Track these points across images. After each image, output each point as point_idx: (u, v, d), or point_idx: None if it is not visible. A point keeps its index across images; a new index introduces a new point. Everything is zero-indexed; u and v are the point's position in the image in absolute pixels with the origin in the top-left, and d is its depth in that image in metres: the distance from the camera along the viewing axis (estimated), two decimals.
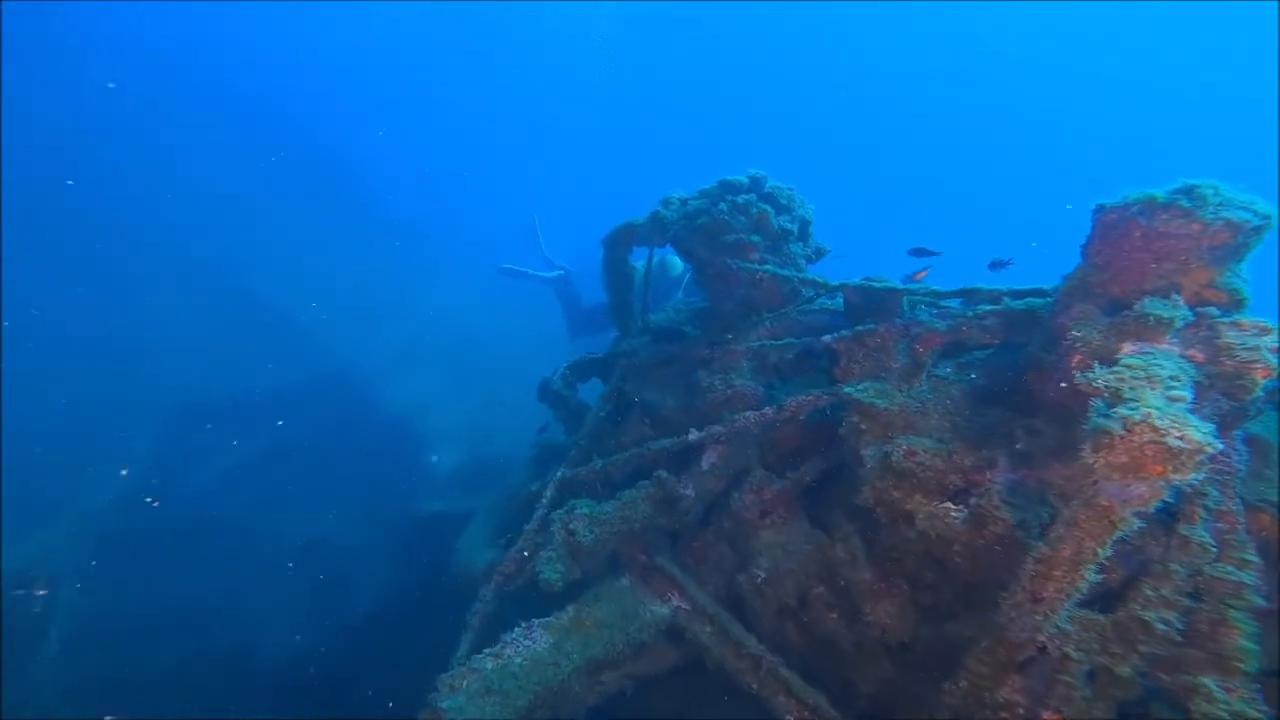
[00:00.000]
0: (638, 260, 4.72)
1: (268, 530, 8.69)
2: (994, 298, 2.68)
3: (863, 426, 2.88)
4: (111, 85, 16.68)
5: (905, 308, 3.06)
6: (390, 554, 8.20)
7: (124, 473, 8.91)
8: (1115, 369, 1.88)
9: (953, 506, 2.56)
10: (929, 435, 2.70)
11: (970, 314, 2.69)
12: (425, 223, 18.59)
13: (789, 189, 3.78)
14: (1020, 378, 2.58)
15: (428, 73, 29.01)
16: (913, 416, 2.79)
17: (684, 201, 4.01)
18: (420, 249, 16.78)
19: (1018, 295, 2.66)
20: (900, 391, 2.85)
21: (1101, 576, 1.97)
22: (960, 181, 31.48)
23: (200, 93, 18.59)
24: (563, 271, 10.62)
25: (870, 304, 3.17)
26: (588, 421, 4.39)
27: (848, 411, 3.01)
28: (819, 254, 3.84)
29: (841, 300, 3.48)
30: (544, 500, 4.22)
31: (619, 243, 4.18)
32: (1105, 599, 2.27)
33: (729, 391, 3.75)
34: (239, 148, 17.14)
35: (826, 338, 3.26)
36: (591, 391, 5.44)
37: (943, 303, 3.11)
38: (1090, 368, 1.91)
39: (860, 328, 3.09)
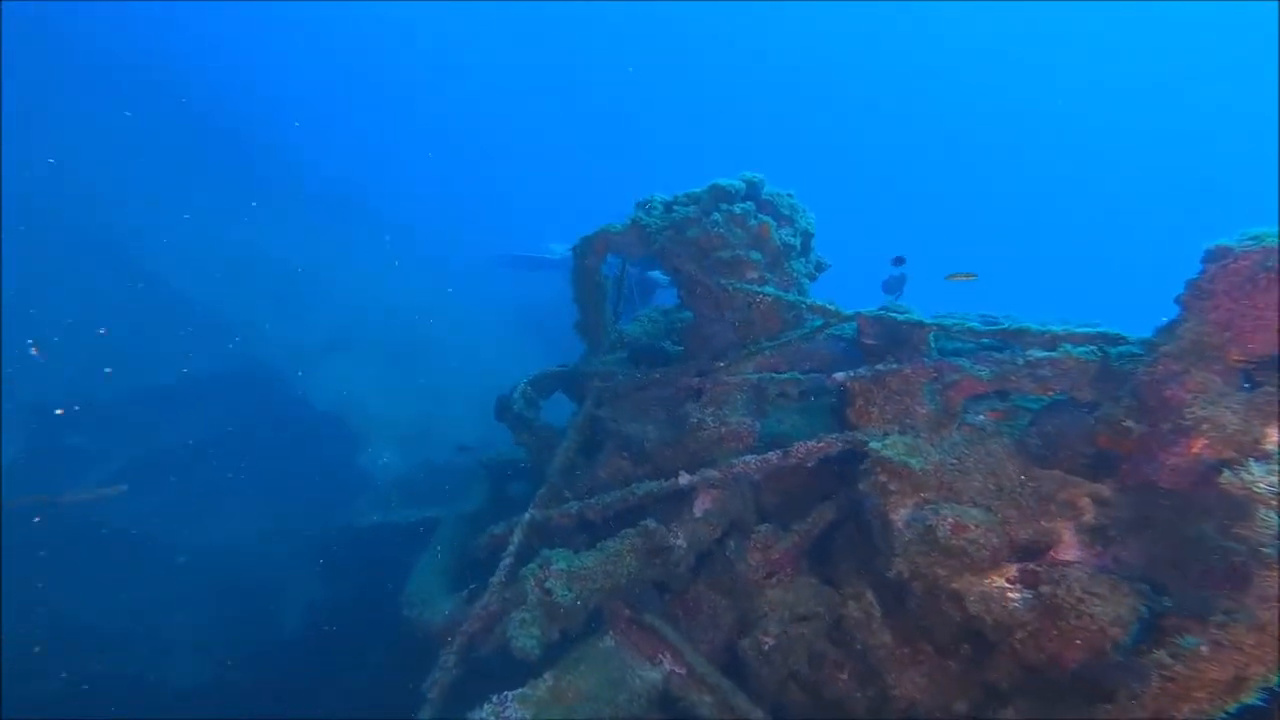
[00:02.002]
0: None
1: (166, 542, 7.86)
2: (1048, 342, 2.32)
3: (891, 487, 2.51)
4: None
5: (931, 344, 2.67)
6: (318, 569, 7.54)
7: None
8: None
9: (1010, 586, 2.23)
10: (972, 500, 2.35)
11: (1020, 361, 2.32)
12: (359, 195, 17.10)
13: (789, 196, 3.31)
14: (1085, 439, 2.24)
15: (362, 44, 26.82)
16: (950, 477, 2.42)
17: (668, 207, 3.48)
18: (353, 225, 15.42)
19: (1079, 340, 2.30)
20: (932, 445, 2.48)
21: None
22: (947, 183, 31.45)
23: (87, 50, 16.37)
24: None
25: (890, 338, 2.77)
26: (558, 455, 3.89)
27: (869, 465, 2.63)
28: (820, 269, 3.41)
29: (852, 328, 3.08)
30: (511, 547, 3.73)
31: (591, 251, 3.63)
32: None
33: (723, 429, 3.32)
34: (136, 110, 15.21)
35: (840, 376, 2.84)
36: (556, 408, 4.93)
37: (962, 336, 2.74)
38: (1239, 461, 1.56)
39: (881, 367, 2.69)
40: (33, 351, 7.38)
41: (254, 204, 14.44)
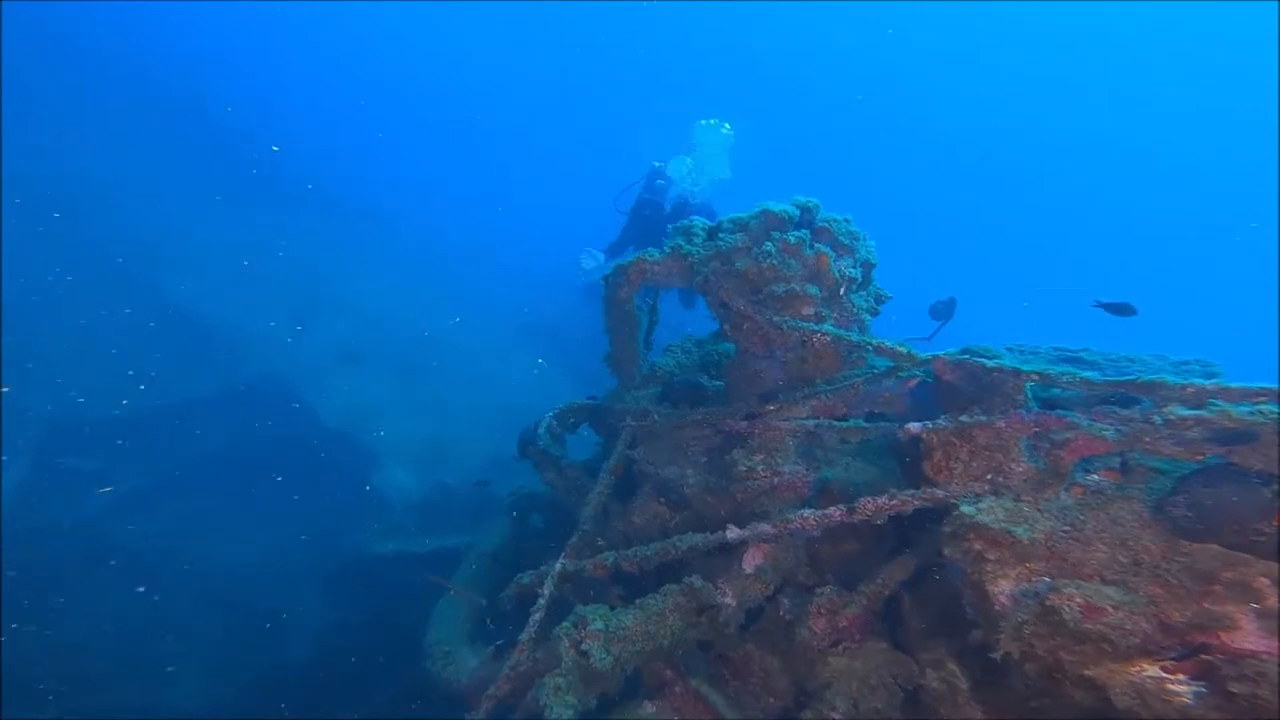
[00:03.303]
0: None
1: (172, 564, 7.61)
2: (1193, 398, 1.98)
3: (989, 556, 2.17)
4: None
5: (1028, 394, 2.33)
6: (328, 595, 7.26)
7: None
8: None
9: (1169, 678, 1.89)
10: (1098, 575, 2.01)
11: (1158, 420, 1.98)
12: (365, 203, 16.76)
13: (846, 221, 2.98)
14: (1260, 514, 1.90)
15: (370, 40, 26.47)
16: (1066, 547, 2.09)
17: (711, 233, 3.16)
18: (361, 229, 15.12)
19: (1238, 397, 1.95)
20: (1038, 509, 2.14)
21: None
22: (941, 185, 30.91)
23: (89, 52, 16.08)
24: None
25: (976, 386, 2.44)
26: (591, 500, 3.57)
27: (957, 529, 2.30)
28: (880, 301, 3.08)
29: (925, 371, 2.75)
30: (541, 599, 3.42)
31: (626, 281, 3.31)
32: None
33: (775, 479, 2.99)
34: (141, 115, 14.93)
35: (915, 427, 2.51)
36: (576, 439, 4.61)
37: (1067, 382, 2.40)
38: None
39: (966, 419, 2.36)
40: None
41: (261, 210, 14.15)
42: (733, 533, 3.01)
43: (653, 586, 3.41)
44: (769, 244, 2.84)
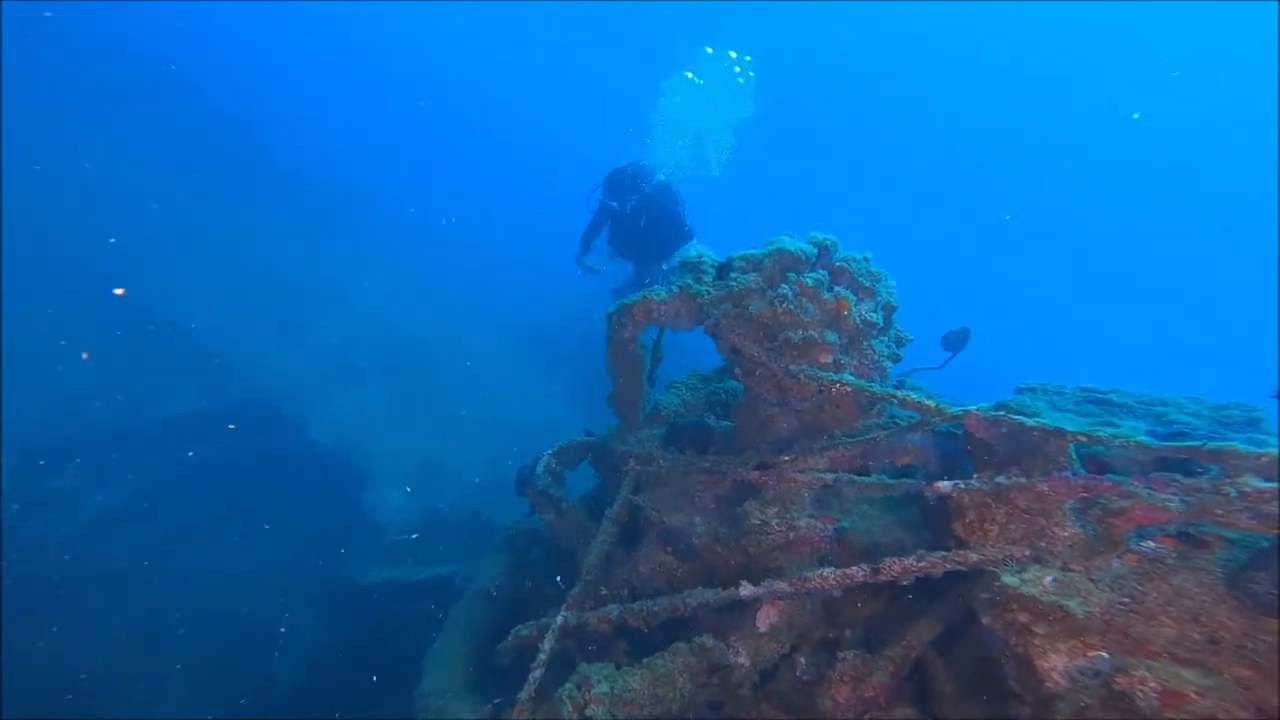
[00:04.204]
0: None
1: (155, 585, 7.35)
2: (1267, 468, 1.79)
3: (1037, 630, 1.97)
4: None
5: (1073, 454, 2.14)
6: (318, 619, 7.02)
7: None
8: None
9: None
10: (1167, 653, 1.81)
11: (1230, 492, 1.79)
12: (359, 210, 16.36)
13: (865, 260, 2.78)
14: None
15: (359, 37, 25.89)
16: (1126, 621, 1.89)
17: (721, 270, 2.95)
18: (350, 233, 14.74)
19: None
20: (1091, 579, 1.95)
21: None
22: (944, 197, 30.57)
23: (70, 55, 15.57)
24: None
25: (1012, 444, 2.25)
26: (593, 549, 3.34)
27: (997, 597, 2.10)
28: (901, 344, 2.88)
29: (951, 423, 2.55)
30: (542, 655, 3.19)
31: (630, 321, 3.09)
32: None
33: (791, 534, 2.79)
34: (120, 110, 14.45)
35: (945, 486, 2.31)
36: (580, 477, 4.39)
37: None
38: None
39: (1004, 480, 2.16)
40: None
41: (250, 219, 13.77)
42: (746, 590, 2.79)
43: (660, 640, 3.20)
44: (785, 286, 2.64)
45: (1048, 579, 1.93)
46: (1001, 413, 2.21)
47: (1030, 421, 2.11)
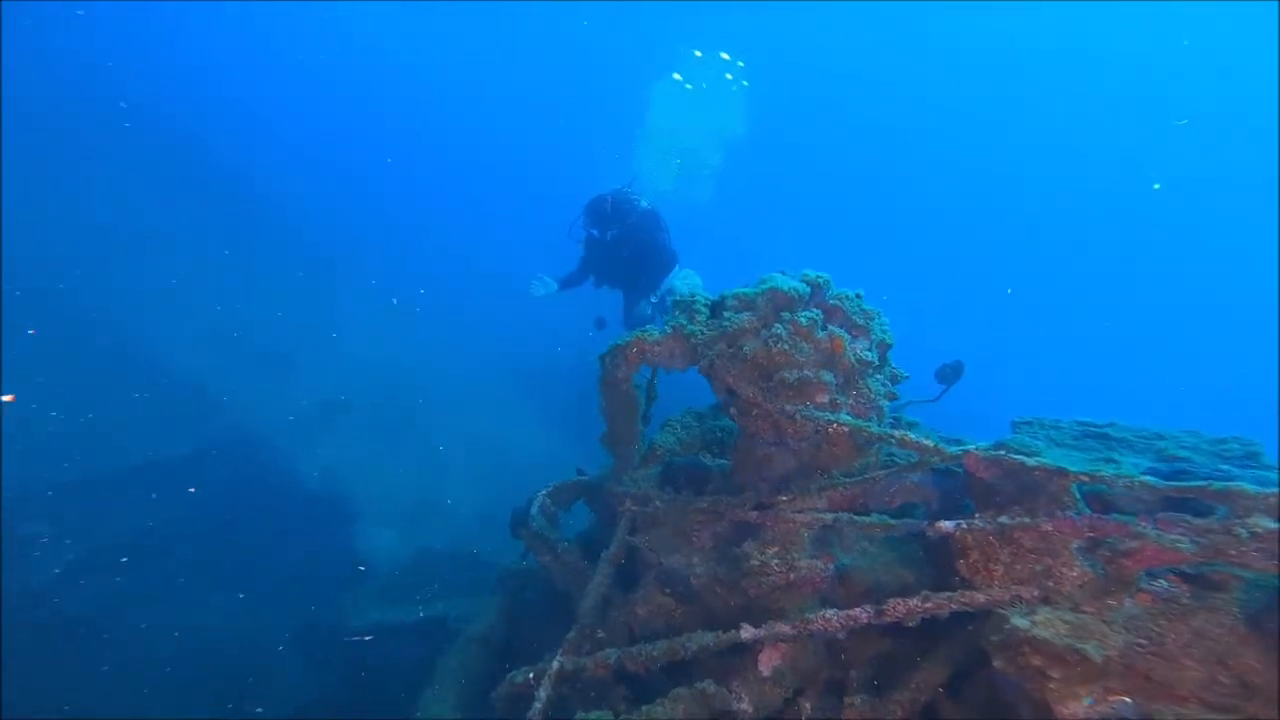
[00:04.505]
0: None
1: (137, 633, 7.10)
2: (1274, 508, 1.77)
3: (1052, 674, 1.92)
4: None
5: (1076, 494, 2.12)
6: (307, 665, 6.80)
7: None
8: None
9: None
10: (1196, 697, 1.77)
11: (1243, 533, 1.76)
12: (345, 248, 16.32)
13: (858, 297, 2.79)
14: None
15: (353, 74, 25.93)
16: (1148, 665, 1.85)
17: (714, 309, 2.94)
18: (335, 278, 14.67)
19: None
20: (1104, 621, 1.91)
21: None
22: (939, 202, 30.44)
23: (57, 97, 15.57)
24: None
25: (1014, 484, 2.23)
26: (590, 592, 3.27)
27: (1009, 641, 2.06)
28: (896, 382, 2.88)
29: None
30: (537, 704, 3.09)
31: (624, 362, 3.07)
32: None
33: (791, 575, 2.74)
34: (103, 155, 14.38)
35: (947, 526, 2.29)
36: (574, 518, 4.32)
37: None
38: None
39: (1006, 520, 2.14)
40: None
41: (228, 253, 13.65)
42: (747, 632, 2.73)
43: (659, 683, 3.12)
44: (779, 326, 2.63)
45: (1060, 622, 1.88)
46: (1001, 452, 2.19)
47: (1031, 461, 2.10)
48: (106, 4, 17.07)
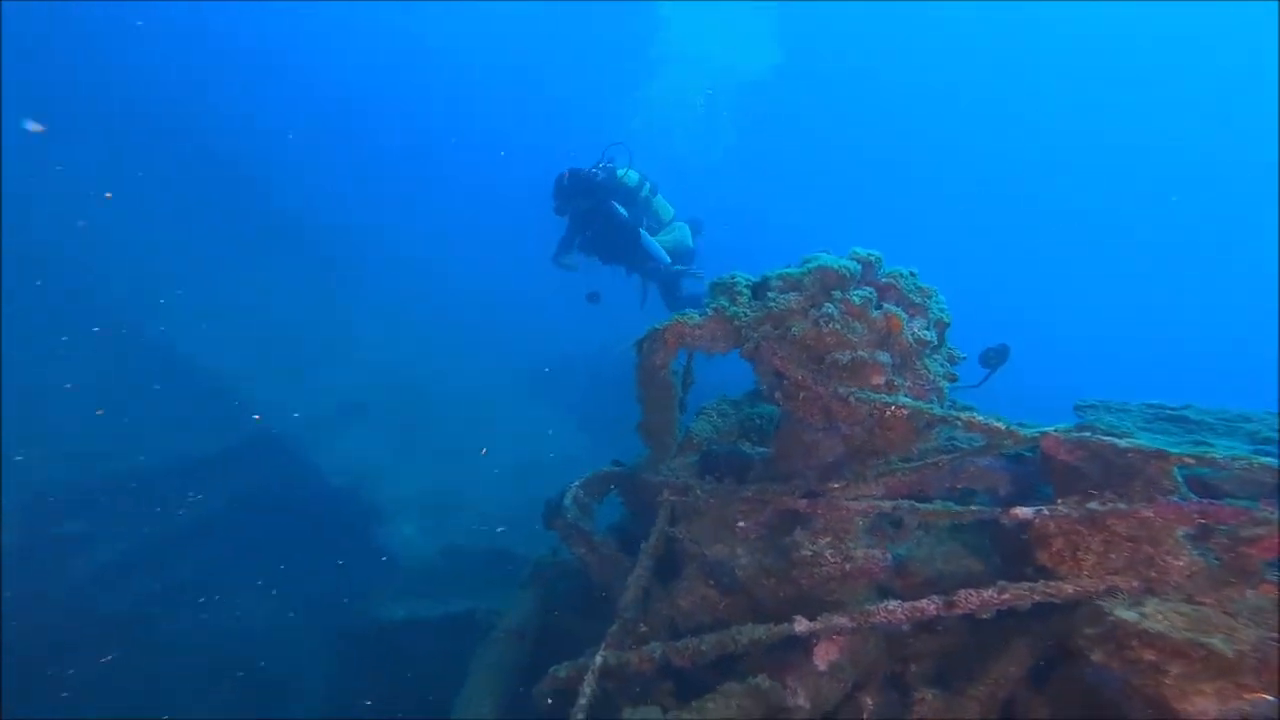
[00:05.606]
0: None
1: (166, 632, 6.99)
2: None
3: (1169, 668, 1.72)
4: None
5: (1178, 478, 1.91)
6: (334, 661, 6.65)
7: None
8: None
9: None
10: None
11: None
12: (357, 246, 16.10)
13: (913, 275, 2.58)
14: None
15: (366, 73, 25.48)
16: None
17: (757, 290, 2.74)
18: (357, 279, 14.48)
19: None
20: (1231, 616, 1.70)
21: None
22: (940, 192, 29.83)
23: (78, 87, 15.29)
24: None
25: (1101, 467, 2.02)
26: (630, 585, 3.07)
27: (1112, 632, 1.85)
28: (954, 362, 2.67)
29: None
30: (582, 700, 2.90)
31: (662, 346, 2.87)
32: None
33: (847, 565, 2.54)
34: (128, 151, 14.21)
35: (1025, 512, 2.08)
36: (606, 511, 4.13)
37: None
38: None
39: (1097, 506, 1.93)
40: None
41: (255, 255, 13.49)
42: (802, 625, 2.52)
43: (704, 679, 2.93)
44: (830, 305, 2.43)
45: (1176, 614, 1.68)
46: (1087, 434, 1.98)
47: (1124, 443, 1.88)
48: (131, 5, 16.86)
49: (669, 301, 7.27)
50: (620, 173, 7.07)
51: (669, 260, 6.99)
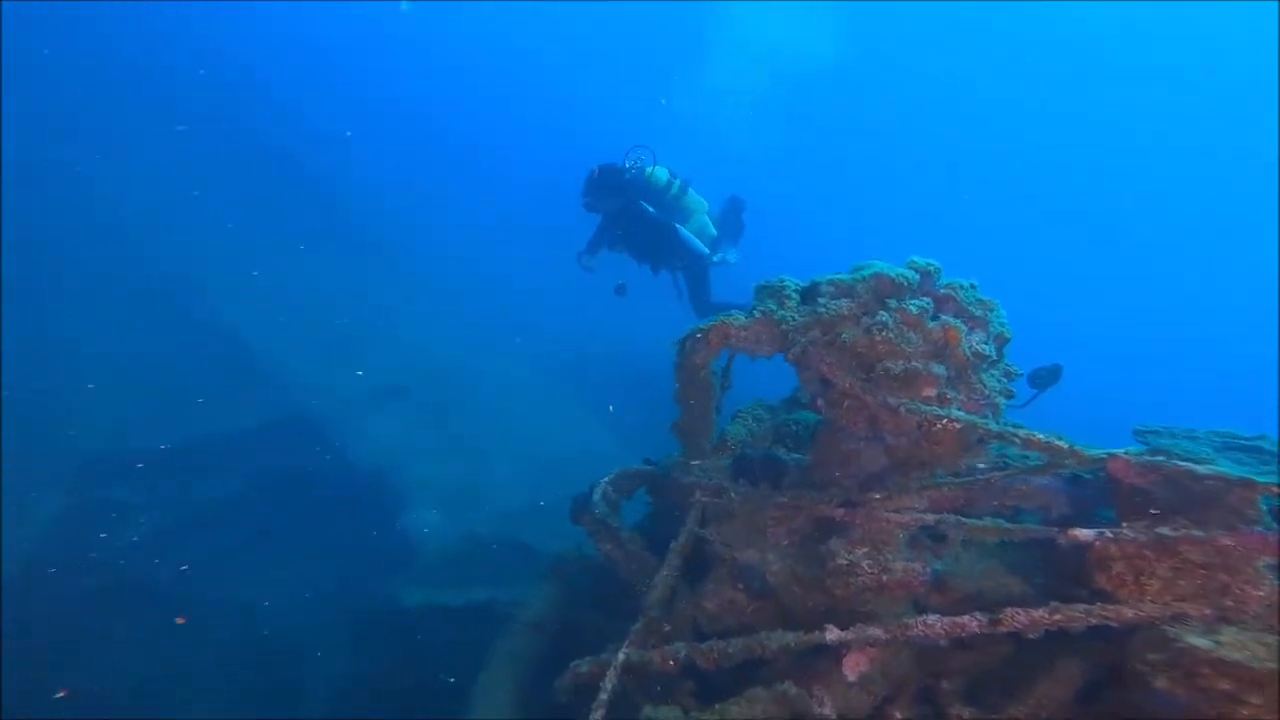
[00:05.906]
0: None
1: (203, 598, 7.09)
2: None
3: (1247, 699, 1.63)
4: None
5: (1262, 507, 1.82)
6: (350, 642, 6.68)
7: None
8: None
9: None
10: None
11: None
12: (401, 235, 16.32)
13: (973, 287, 2.51)
14: None
15: (414, 72, 25.79)
16: None
17: (806, 295, 2.69)
18: (396, 264, 14.69)
19: None
20: None
21: None
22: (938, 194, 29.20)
23: (140, 82, 15.78)
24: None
25: (1174, 492, 1.93)
26: (657, 584, 3.03)
27: (1180, 659, 1.75)
28: (1010, 378, 2.58)
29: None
30: (603, 695, 2.86)
31: (705, 346, 2.83)
32: None
33: (884, 577, 2.47)
34: (180, 142, 14.62)
35: (1086, 534, 1.99)
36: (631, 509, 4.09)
37: None
38: None
39: (1168, 531, 1.84)
40: None
41: (296, 241, 13.73)
42: (833, 634, 2.45)
43: (726, 682, 2.87)
44: (885, 314, 2.37)
45: (1257, 644, 1.59)
46: (1161, 459, 1.89)
47: (1202, 470, 1.80)
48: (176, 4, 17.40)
49: (695, 292, 7.12)
50: (648, 170, 7.01)
51: (707, 251, 6.98)
